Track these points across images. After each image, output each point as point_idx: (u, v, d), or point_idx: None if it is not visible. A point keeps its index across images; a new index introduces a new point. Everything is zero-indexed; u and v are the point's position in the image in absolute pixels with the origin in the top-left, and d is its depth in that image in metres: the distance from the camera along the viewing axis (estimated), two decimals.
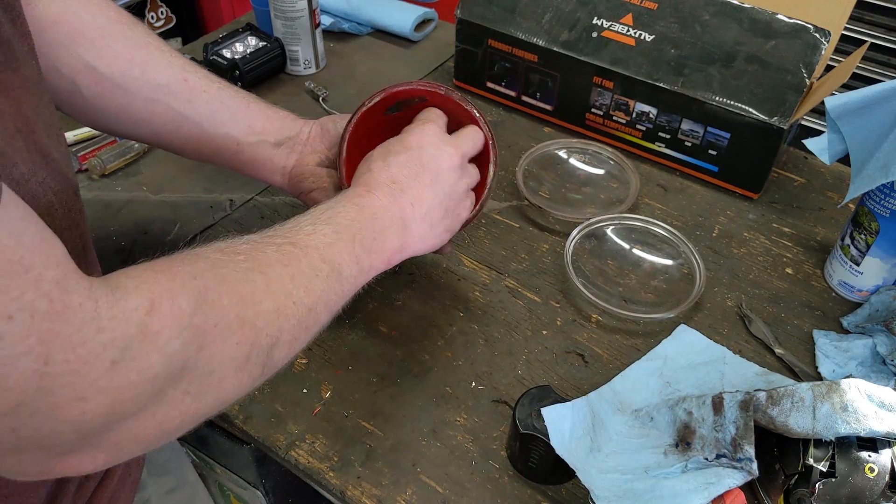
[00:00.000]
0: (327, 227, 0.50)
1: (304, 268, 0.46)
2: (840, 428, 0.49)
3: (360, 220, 0.52)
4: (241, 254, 0.43)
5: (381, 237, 0.53)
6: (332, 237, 0.49)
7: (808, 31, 0.78)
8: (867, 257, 0.69)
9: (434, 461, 0.59)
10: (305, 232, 0.48)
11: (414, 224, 0.55)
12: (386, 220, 0.54)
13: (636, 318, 0.70)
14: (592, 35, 0.87)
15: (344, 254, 0.49)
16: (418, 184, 0.56)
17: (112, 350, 0.32)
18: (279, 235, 0.47)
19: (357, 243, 0.50)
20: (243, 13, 1.18)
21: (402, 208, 0.55)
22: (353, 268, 0.50)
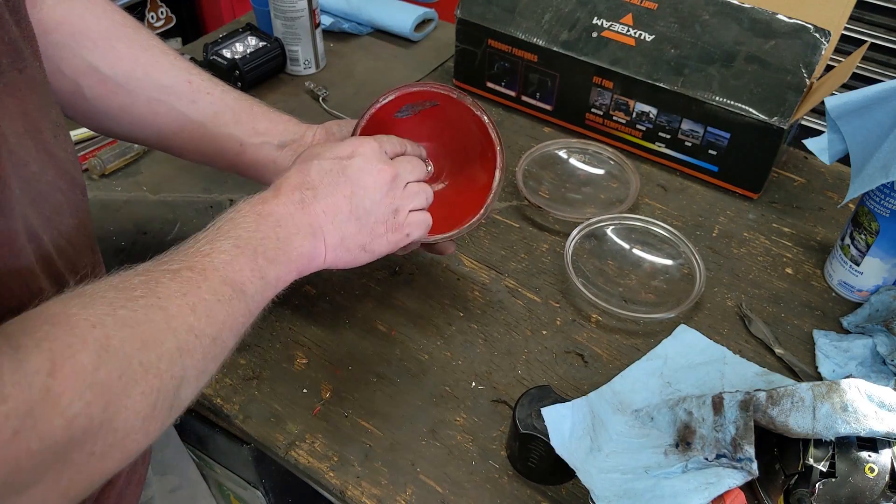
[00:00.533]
0: (226, 242, 0.46)
1: (203, 294, 0.42)
2: (840, 428, 0.49)
3: (262, 229, 0.48)
4: (136, 288, 0.40)
5: (287, 245, 0.49)
6: (231, 253, 0.45)
7: (808, 31, 0.78)
8: (867, 257, 0.69)
9: (433, 461, 0.59)
10: (203, 252, 0.45)
11: (326, 234, 0.52)
12: (291, 227, 0.50)
13: (636, 318, 0.70)
14: (592, 35, 0.87)
15: (246, 270, 0.46)
16: (334, 193, 0.52)
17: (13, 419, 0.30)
18: (176, 261, 0.44)
19: (259, 256, 0.47)
20: (243, 13, 1.18)
21: (311, 215, 0.51)
22: (258, 283, 0.47)
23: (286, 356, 0.66)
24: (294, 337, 0.68)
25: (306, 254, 0.50)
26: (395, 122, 0.64)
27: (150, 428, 0.39)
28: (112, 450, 0.36)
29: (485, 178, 0.64)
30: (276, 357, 0.66)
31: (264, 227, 0.48)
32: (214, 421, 0.67)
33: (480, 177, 0.65)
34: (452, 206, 0.65)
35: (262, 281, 0.47)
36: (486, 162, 0.63)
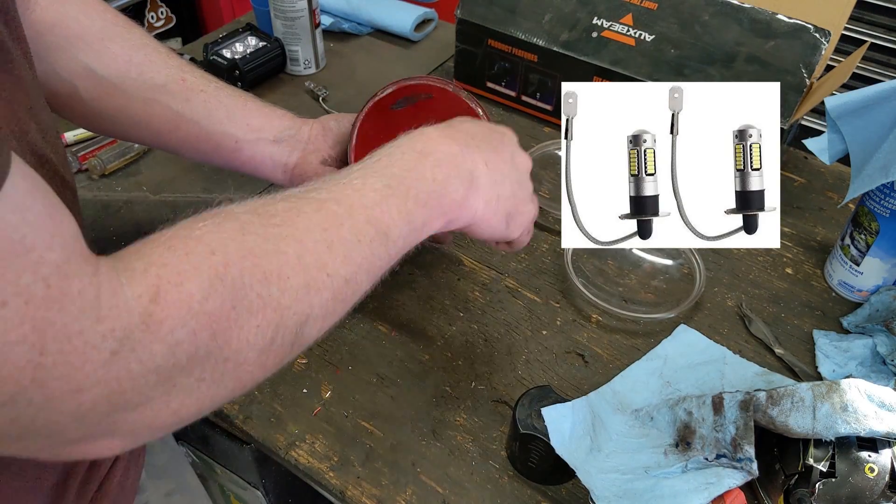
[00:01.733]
0: (379, 179, 0.44)
1: (345, 233, 0.41)
2: (840, 428, 0.49)
3: (419, 168, 0.46)
4: (276, 215, 0.40)
5: (442, 189, 0.47)
6: (382, 192, 0.44)
7: (808, 31, 0.78)
8: (867, 257, 0.69)
9: (434, 461, 0.59)
10: (354, 186, 0.43)
11: (483, 186, 0.49)
12: (451, 168, 0.47)
13: (636, 318, 0.70)
14: (592, 35, 0.87)
15: (394, 212, 0.44)
16: (496, 152, 0.51)
17: (111, 341, 0.30)
18: (325, 189, 0.43)
19: (411, 198, 0.45)
20: (243, 13, 1.18)
21: (473, 162, 0.49)
22: (404, 228, 0.45)
23: None
24: None
25: (459, 200, 0.48)
26: (391, 114, 0.65)
27: (268, 362, 0.38)
28: (224, 378, 0.36)
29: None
30: None
31: (422, 167, 0.46)
32: (215, 421, 0.67)
33: None
34: None
35: (409, 226, 0.45)
36: None
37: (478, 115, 0.63)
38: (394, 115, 0.65)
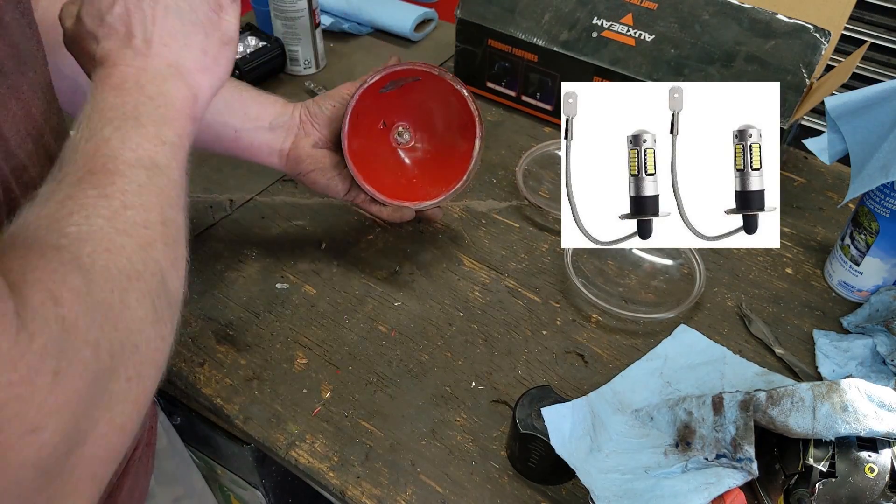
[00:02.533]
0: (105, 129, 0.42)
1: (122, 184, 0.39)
2: (840, 428, 0.49)
3: (129, 98, 0.43)
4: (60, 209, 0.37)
5: (164, 97, 0.44)
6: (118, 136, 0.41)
7: (808, 31, 0.78)
8: (867, 257, 0.69)
9: (433, 461, 0.59)
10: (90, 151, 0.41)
11: (186, 60, 0.47)
12: (155, 78, 0.45)
13: (636, 318, 0.70)
14: (592, 35, 0.87)
15: (144, 143, 0.42)
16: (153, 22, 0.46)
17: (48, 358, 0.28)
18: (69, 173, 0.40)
19: (146, 123, 0.43)
20: (243, 13, 1.18)
21: (160, 56, 0.45)
22: (164, 150, 0.43)
23: (286, 356, 0.66)
24: (294, 337, 0.68)
25: (188, 95, 0.46)
26: (380, 96, 0.68)
27: (164, 331, 0.38)
28: (144, 367, 0.35)
29: (465, 147, 0.69)
30: (276, 357, 0.66)
31: (128, 95, 0.43)
32: (215, 421, 0.67)
33: (461, 146, 0.70)
34: (436, 174, 0.71)
35: (165, 146, 0.43)
36: (466, 132, 0.68)
37: (463, 96, 0.66)
38: (383, 98, 0.68)
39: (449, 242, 0.78)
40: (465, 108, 0.67)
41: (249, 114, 0.65)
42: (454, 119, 0.70)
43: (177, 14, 0.47)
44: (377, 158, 0.70)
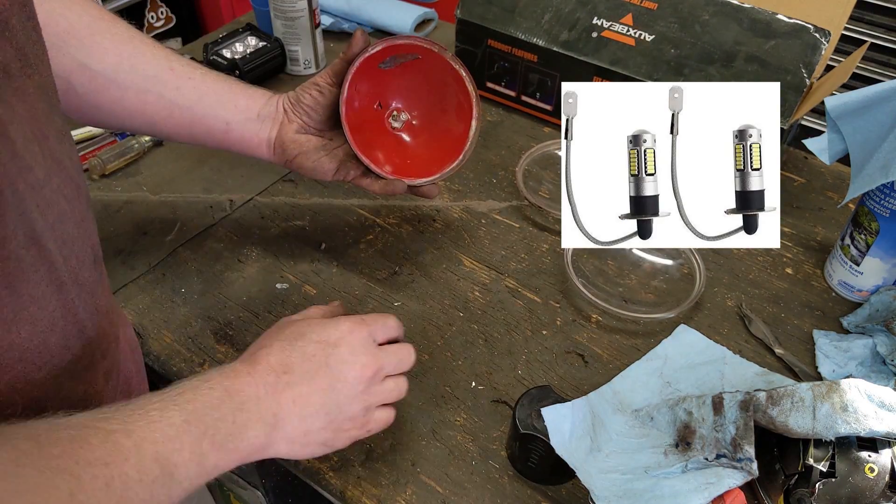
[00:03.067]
0: (179, 414, 0.42)
1: (127, 469, 0.38)
2: (840, 428, 0.49)
3: (222, 408, 0.44)
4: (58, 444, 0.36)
5: (241, 433, 0.45)
6: (178, 428, 0.41)
7: (808, 31, 0.78)
8: (867, 257, 0.69)
9: (433, 461, 0.59)
10: (151, 418, 0.41)
11: (289, 425, 0.48)
12: (254, 413, 0.46)
13: (636, 318, 0.70)
14: (592, 35, 0.87)
15: (185, 451, 0.41)
16: (311, 383, 0.49)
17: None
18: (117, 419, 0.40)
19: (207, 439, 0.43)
20: (243, 13, 1.18)
21: (279, 404, 0.47)
22: (193, 469, 0.42)
23: None
24: None
25: (258, 445, 0.46)
26: (379, 72, 0.67)
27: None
28: None
29: (461, 128, 0.68)
30: None
31: (225, 407, 0.45)
32: None
33: (457, 127, 0.69)
34: (432, 155, 0.70)
35: (199, 467, 0.43)
36: (462, 113, 0.68)
37: (461, 76, 0.66)
38: (381, 74, 0.68)
39: (449, 242, 0.78)
40: (463, 88, 0.67)
41: (239, 105, 0.66)
42: (451, 100, 0.69)
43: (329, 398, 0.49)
44: (372, 137, 0.69)
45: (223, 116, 0.65)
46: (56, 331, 0.42)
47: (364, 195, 0.84)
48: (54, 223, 0.43)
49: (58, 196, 0.43)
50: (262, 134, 0.66)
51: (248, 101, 0.66)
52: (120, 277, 0.73)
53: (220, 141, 0.67)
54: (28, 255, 0.40)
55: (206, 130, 0.66)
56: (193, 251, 0.76)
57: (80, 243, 0.46)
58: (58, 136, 0.43)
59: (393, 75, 0.68)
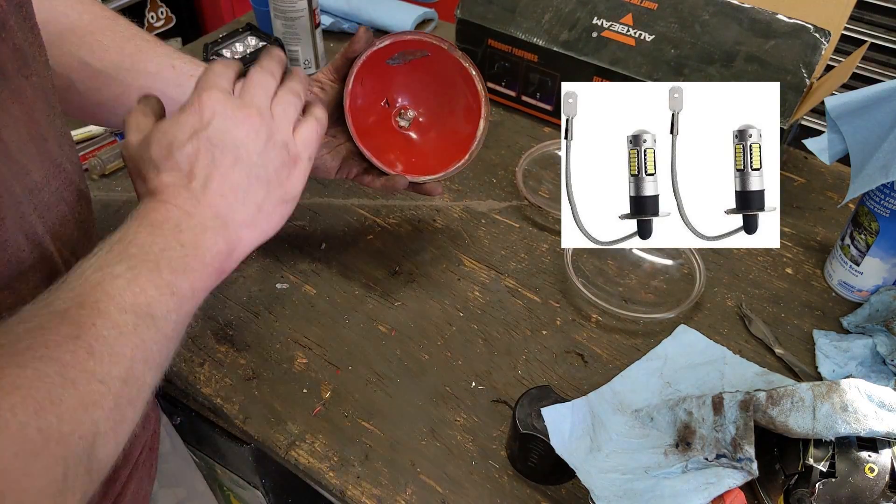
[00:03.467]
0: (119, 265, 0.40)
1: (101, 331, 0.37)
2: (840, 428, 0.49)
3: (159, 241, 0.42)
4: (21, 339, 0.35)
5: (196, 250, 0.43)
6: (127, 277, 0.39)
7: (808, 31, 0.78)
8: (867, 257, 0.69)
9: (433, 461, 0.59)
10: (92, 282, 0.39)
11: (236, 214, 0.46)
12: (195, 225, 0.44)
13: (636, 318, 0.70)
14: (592, 35, 0.87)
15: (149, 290, 0.40)
16: (219, 169, 0.45)
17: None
18: (61, 298, 0.38)
19: (164, 270, 0.41)
20: (243, 13, 1.18)
21: (211, 205, 0.45)
22: (170, 302, 0.41)
23: (286, 356, 0.66)
24: (294, 337, 0.68)
25: (223, 250, 0.45)
26: (386, 68, 0.67)
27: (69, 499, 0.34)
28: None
29: (469, 129, 0.68)
30: (276, 357, 0.66)
31: (162, 239, 0.42)
32: (214, 421, 0.67)
33: (465, 127, 0.69)
34: (438, 152, 0.70)
35: (174, 297, 0.41)
36: (470, 113, 0.68)
37: (470, 75, 0.66)
38: (389, 71, 0.67)
39: (449, 242, 0.78)
40: (472, 88, 0.66)
41: None
42: (459, 99, 0.68)
43: (245, 167, 0.46)
44: (378, 135, 0.69)
45: None
46: None
47: (364, 195, 0.84)
48: (55, 226, 0.42)
49: (58, 200, 0.42)
50: None
51: None
52: None
53: None
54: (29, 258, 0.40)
55: None
56: None
57: (83, 245, 0.45)
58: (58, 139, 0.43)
59: (400, 72, 0.68)
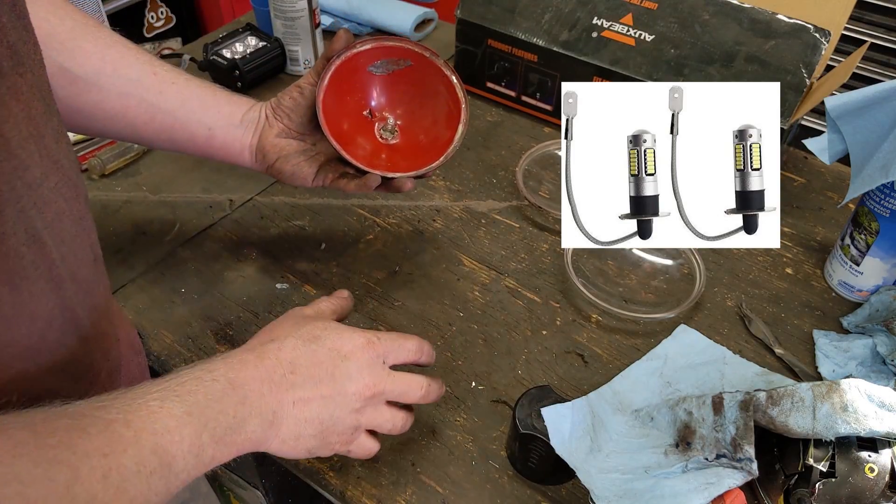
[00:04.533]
0: (180, 405, 0.42)
1: (125, 460, 0.38)
2: (840, 428, 0.49)
3: (224, 401, 0.44)
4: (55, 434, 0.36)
5: (240, 427, 0.45)
6: (178, 420, 0.41)
7: (808, 31, 0.78)
8: (867, 257, 0.69)
9: (433, 461, 0.59)
10: (150, 408, 0.40)
11: (284, 426, 0.48)
12: (255, 408, 0.46)
13: (636, 318, 0.70)
14: (592, 35, 0.87)
15: (185, 443, 0.41)
16: (313, 389, 0.49)
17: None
18: (116, 407, 0.39)
19: (207, 431, 0.43)
20: (243, 13, 1.18)
21: (280, 403, 0.47)
22: (191, 462, 0.42)
23: None
24: None
25: (254, 440, 0.46)
26: (366, 75, 0.67)
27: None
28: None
29: (448, 134, 0.67)
30: None
31: (227, 400, 0.44)
32: None
33: (444, 133, 0.68)
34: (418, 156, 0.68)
35: (197, 459, 0.42)
36: (451, 120, 0.67)
37: (452, 85, 0.66)
38: (368, 77, 0.67)
39: (449, 242, 0.78)
40: (454, 95, 0.66)
41: (223, 111, 0.65)
42: (441, 107, 0.68)
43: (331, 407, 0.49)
44: (357, 141, 0.69)
45: (206, 122, 0.65)
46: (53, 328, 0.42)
47: (364, 195, 0.84)
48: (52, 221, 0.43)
49: (55, 195, 0.43)
50: (244, 140, 0.66)
51: (232, 107, 0.66)
52: (119, 277, 0.73)
53: (203, 147, 0.66)
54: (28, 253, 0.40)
55: (189, 136, 0.65)
56: (193, 251, 0.76)
57: (79, 242, 0.46)
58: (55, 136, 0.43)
59: (383, 82, 0.68)
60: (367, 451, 0.53)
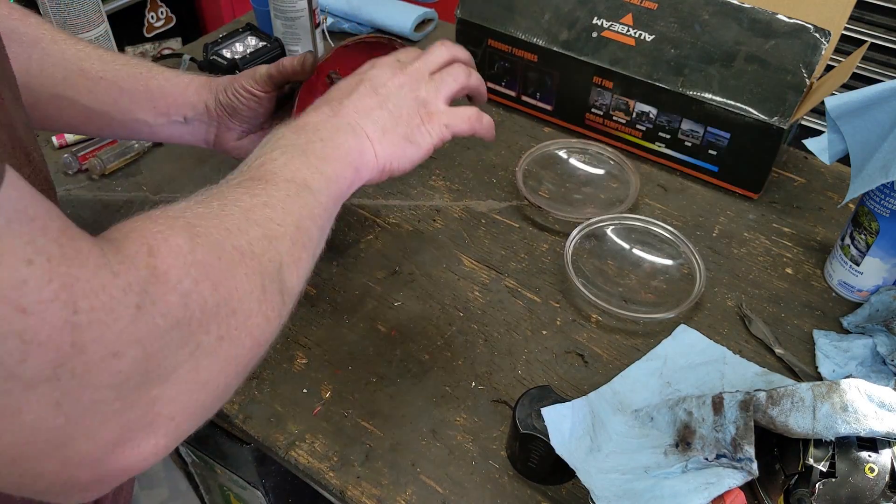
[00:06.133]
0: (274, 152, 0.47)
1: (272, 191, 0.44)
2: (840, 428, 0.49)
3: (303, 136, 0.50)
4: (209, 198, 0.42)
5: (332, 143, 0.50)
6: (283, 159, 0.47)
7: (808, 31, 0.78)
8: (867, 257, 0.69)
9: (434, 461, 0.59)
10: (257, 164, 0.46)
11: (366, 128, 0.53)
12: (331, 127, 0.51)
13: (636, 318, 0.70)
14: (592, 35, 0.87)
15: (303, 168, 0.47)
16: (361, 97, 0.54)
17: (132, 294, 0.30)
18: (233, 179, 0.46)
19: (311, 155, 0.48)
20: (243, 13, 1.18)
21: (345, 116, 0.52)
22: (320, 179, 0.48)
23: (286, 356, 0.66)
24: (294, 337, 0.68)
25: (355, 147, 0.51)
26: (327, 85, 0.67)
27: (269, 312, 0.39)
28: (239, 333, 0.37)
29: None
30: (276, 357, 0.66)
31: (304, 135, 0.49)
32: (214, 421, 0.67)
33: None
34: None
35: (323, 176, 0.48)
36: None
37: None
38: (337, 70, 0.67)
39: (449, 242, 0.78)
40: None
41: (159, 108, 0.64)
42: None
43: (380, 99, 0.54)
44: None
45: (143, 119, 0.63)
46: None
47: (364, 195, 0.83)
48: None
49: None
50: (196, 135, 0.66)
51: (168, 102, 0.64)
52: None
53: (150, 137, 0.66)
54: None
55: (133, 132, 0.65)
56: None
57: None
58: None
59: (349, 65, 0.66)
60: (464, 115, 0.57)
